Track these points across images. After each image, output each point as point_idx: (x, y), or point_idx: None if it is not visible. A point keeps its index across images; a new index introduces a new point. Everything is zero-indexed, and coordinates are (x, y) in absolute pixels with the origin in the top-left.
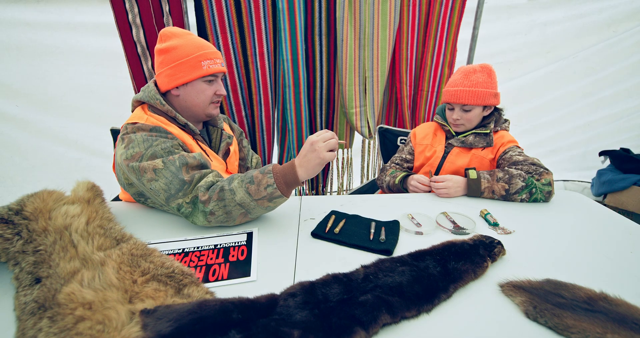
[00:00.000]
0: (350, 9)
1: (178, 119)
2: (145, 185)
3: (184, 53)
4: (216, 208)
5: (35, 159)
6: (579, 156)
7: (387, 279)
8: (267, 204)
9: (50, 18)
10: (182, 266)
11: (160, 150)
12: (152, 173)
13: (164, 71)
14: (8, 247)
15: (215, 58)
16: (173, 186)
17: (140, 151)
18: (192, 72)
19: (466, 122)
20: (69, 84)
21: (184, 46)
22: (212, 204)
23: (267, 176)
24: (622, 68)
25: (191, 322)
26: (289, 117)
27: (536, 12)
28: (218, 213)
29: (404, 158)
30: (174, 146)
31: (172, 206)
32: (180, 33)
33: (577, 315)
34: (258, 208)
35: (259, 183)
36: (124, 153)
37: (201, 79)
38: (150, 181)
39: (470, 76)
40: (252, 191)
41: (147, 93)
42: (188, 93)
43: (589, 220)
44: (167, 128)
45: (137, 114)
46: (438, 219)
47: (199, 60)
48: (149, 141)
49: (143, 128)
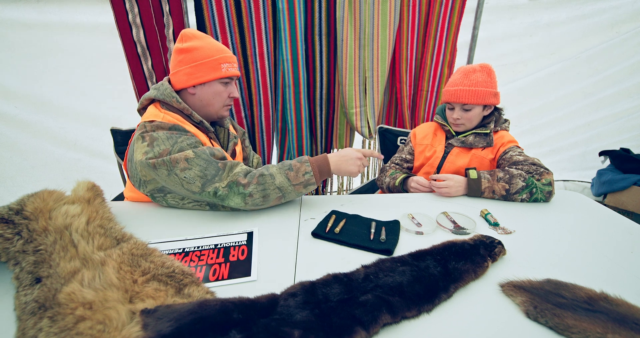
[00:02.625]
0: (350, 9)
1: (193, 117)
2: (179, 175)
3: (205, 54)
4: (255, 190)
5: (35, 160)
6: (579, 156)
7: (388, 279)
8: (301, 189)
9: (49, 18)
10: (182, 266)
11: (187, 145)
12: (184, 162)
13: (183, 69)
14: (8, 247)
15: (232, 62)
16: (209, 171)
17: (167, 148)
18: (211, 72)
19: (466, 122)
20: (69, 85)
21: (206, 47)
22: (251, 187)
23: (305, 164)
24: (623, 68)
25: (192, 322)
26: (289, 118)
27: (538, 12)
28: (256, 196)
29: (404, 158)
30: (197, 142)
31: (208, 190)
32: (201, 36)
33: (578, 315)
34: (293, 192)
35: (298, 170)
36: (150, 151)
37: (218, 81)
38: (183, 170)
39: (469, 76)
40: (291, 177)
41: (162, 91)
42: (205, 93)
43: (589, 220)
44: (183, 125)
45: (153, 112)
46: (438, 219)
47: (219, 62)
48: (174, 138)
49: (162, 126)
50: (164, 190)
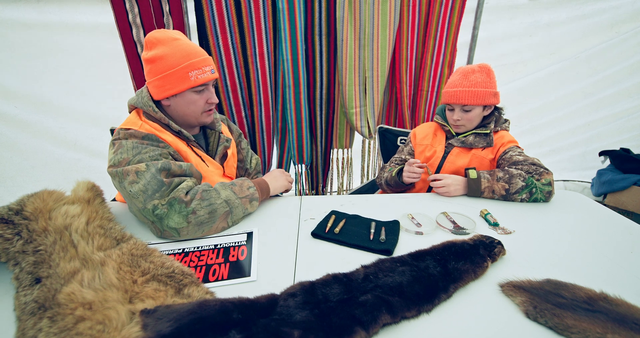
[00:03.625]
0: (350, 9)
1: (172, 126)
2: (127, 188)
3: (170, 64)
4: (199, 206)
5: (35, 160)
6: (579, 156)
7: (387, 279)
8: (247, 204)
9: (49, 18)
10: (182, 266)
11: (148, 158)
12: (134, 175)
13: (153, 81)
14: (8, 247)
15: (203, 66)
16: (151, 186)
17: (127, 158)
18: (180, 84)
19: (467, 123)
20: (69, 85)
21: (170, 55)
22: (194, 203)
23: (245, 181)
24: (623, 68)
25: (191, 322)
26: (289, 118)
27: (538, 12)
28: (200, 212)
29: (404, 158)
30: (162, 155)
31: (148, 207)
32: (165, 39)
33: (578, 315)
34: (240, 206)
35: (241, 185)
36: (113, 158)
37: (190, 90)
38: (131, 183)
39: (469, 76)
40: (236, 190)
41: (141, 99)
42: (178, 104)
43: (589, 220)
44: (161, 135)
45: (132, 120)
46: (438, 219)
47: (186, 71)
48: (138, 149)
49: (135, 135)
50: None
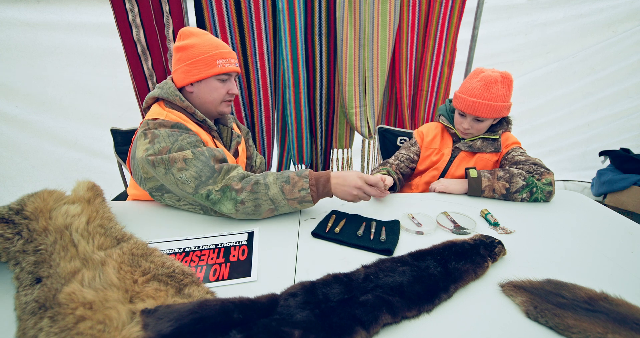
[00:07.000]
0: (350, 9)
1: (196, 115)
2: (175, 175)
3: (200, 51)
4: (247, 198)
5: (36, 159)
6: (579, 156)
7: (388, 279)
8: (295, 205)
9: (50, 18)
10: (182, 266)
11: (187, 144)
12: (182, 162)
13: (181, 68)
14: (8, 247)
15: (230, 58)
16: (204, 173)
17: (167, 146)
18: (207, 69)
19: (476, 132)
20: (69, 85)
21: (201, 44)
22: (244, 194)
23: (303, 179)
24: (622, 68)
25: (192, 322)
26: (289, 118)
27: (536, 12)
28: (248, 204)
29: (411, 157)
30: (198, 141)
31: (201, 192)
32: (198, 33)
33: (578, 315)
34: (287, 206)
35: (294, 185)
36: (150, 147)
37: (215, 77)
38: (180, 170)
39: (491, 87)
40: (286, 190)
41: (166, 90)
42: (202, 90)
43: (589, 220)
44: (186, 124)
45: (156, 110)
46: (438, 219)
47: (214, 58)
48: (174, 136)
49: (164, 124)
50: (162, 189)
